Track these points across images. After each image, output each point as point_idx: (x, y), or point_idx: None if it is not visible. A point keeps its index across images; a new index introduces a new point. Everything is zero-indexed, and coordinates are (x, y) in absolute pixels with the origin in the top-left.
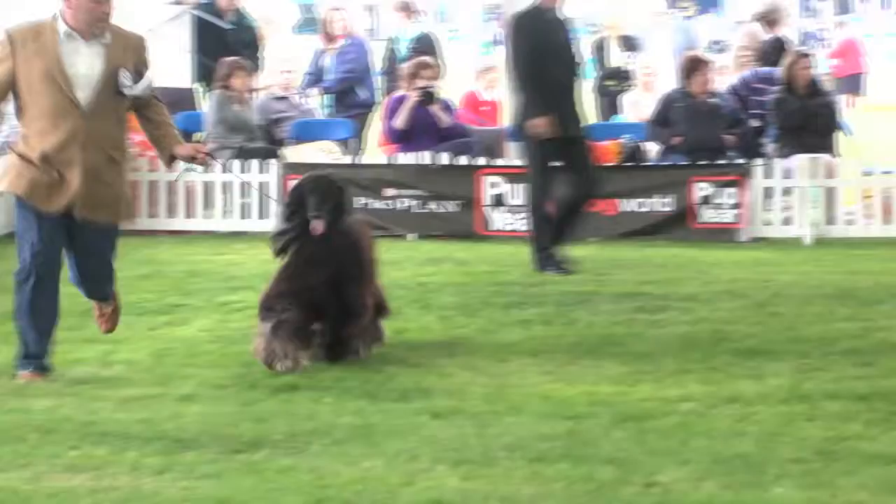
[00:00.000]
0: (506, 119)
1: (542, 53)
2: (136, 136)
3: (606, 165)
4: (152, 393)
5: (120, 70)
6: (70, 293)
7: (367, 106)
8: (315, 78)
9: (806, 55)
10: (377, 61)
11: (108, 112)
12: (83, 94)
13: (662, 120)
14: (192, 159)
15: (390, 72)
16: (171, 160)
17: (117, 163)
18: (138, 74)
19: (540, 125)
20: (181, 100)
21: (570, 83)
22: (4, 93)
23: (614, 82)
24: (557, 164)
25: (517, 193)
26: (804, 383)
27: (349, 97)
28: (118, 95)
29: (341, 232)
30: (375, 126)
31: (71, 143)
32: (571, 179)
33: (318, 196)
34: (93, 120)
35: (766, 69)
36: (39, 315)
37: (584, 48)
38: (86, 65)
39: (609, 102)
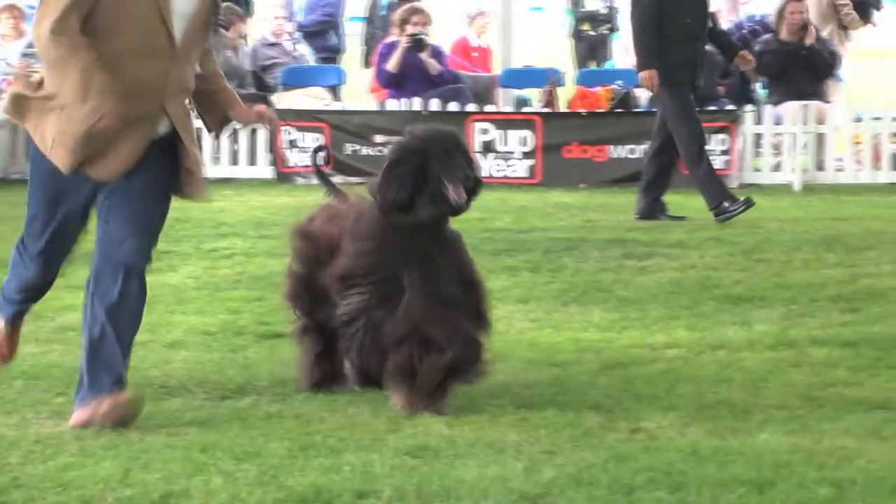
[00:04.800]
0: (496, 66)
1: (671, 1)
2: None
3: (597, 112)
4: (139, 340)
5: (213, 3)
6: None
7: (336, 51)
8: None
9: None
10: (357, 8)
11: (193, 56)
12: (179, 32)
13: None
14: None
15: (371, 20)
16: (223, 123)
17: (190, 118)
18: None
19: (646, 78)
20: None
21: (700, 33)
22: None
23: (590, 26)
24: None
25: (507, 140)
26: (790, 330)
27: (320, 40)
28: (205, 35)
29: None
30: (351, 72)
31: (155, 90)
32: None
33: (457, 157)
34: (180, 63)
35: (761, 14)
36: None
37: None
38: None
39: (586, 47)
